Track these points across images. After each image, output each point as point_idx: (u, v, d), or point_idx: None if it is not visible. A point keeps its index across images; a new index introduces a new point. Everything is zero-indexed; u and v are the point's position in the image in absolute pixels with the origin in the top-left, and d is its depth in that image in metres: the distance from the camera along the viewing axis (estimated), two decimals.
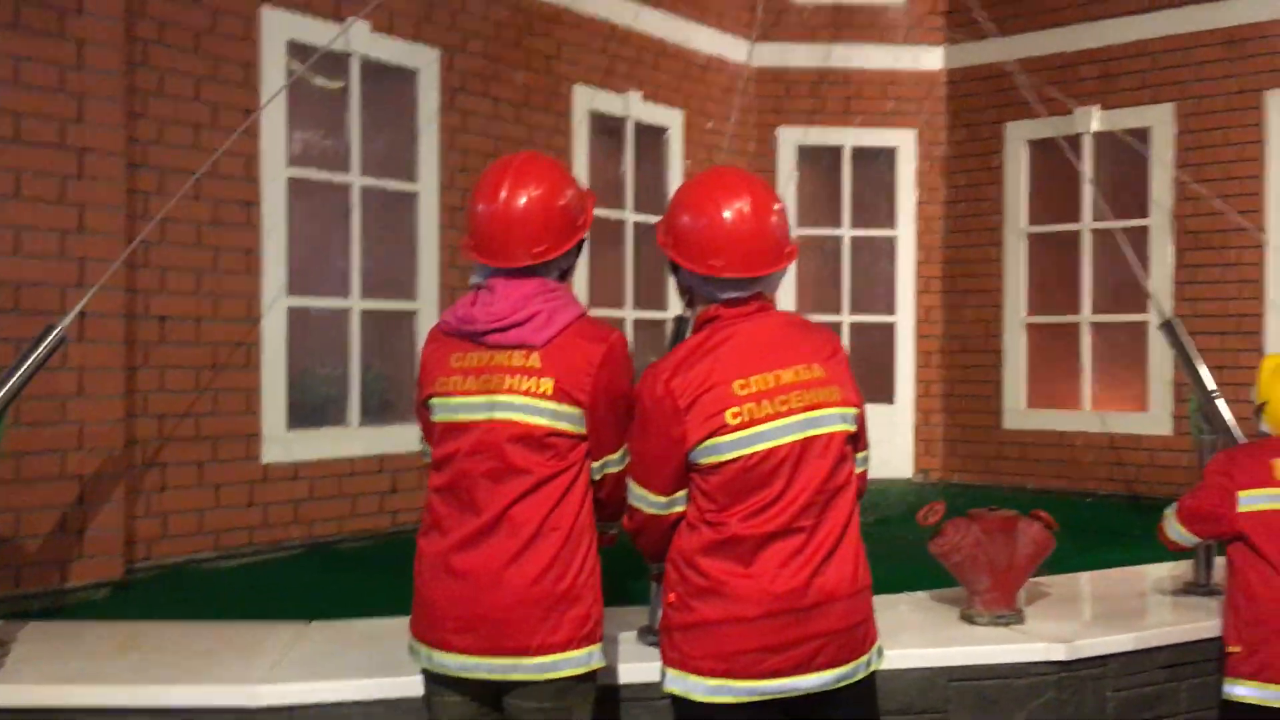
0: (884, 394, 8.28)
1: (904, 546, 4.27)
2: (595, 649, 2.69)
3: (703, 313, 2.70)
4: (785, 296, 8.03)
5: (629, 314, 7.34)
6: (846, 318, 8.31)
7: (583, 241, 2.82)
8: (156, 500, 4.98)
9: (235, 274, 5.27)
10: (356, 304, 5.81)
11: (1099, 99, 7.67)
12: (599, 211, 7.03)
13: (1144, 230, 7.50)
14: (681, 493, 2.62)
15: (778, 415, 2.53)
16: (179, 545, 5.05)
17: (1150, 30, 7.48)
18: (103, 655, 3.48)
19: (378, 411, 5.98)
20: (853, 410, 2.63)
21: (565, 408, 2.63)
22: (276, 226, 5.39)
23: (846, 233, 8.31)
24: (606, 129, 7.29)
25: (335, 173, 5.76)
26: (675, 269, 2.73)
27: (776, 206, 2.67)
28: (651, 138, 7.58)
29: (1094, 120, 7.66)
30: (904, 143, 8.35)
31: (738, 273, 2.60)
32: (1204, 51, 7.29)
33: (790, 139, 8.25)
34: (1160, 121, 7.45)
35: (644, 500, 2.65)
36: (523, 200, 2.68)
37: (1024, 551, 3.80)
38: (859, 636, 2.60)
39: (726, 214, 2.60)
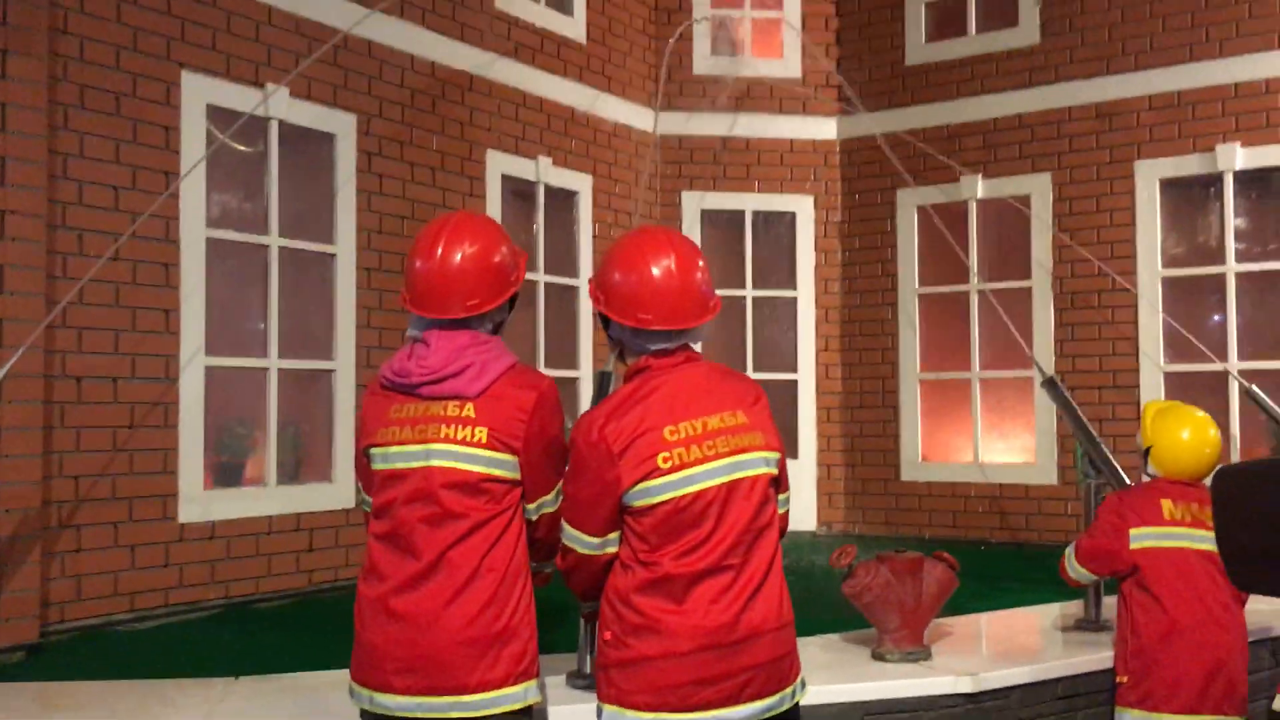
0: (788, 449, 8.48)
1: (811, 594, 4.47)
2: (532, 684, 2.82)
3: (633, 364, 2.87)
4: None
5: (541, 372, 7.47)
6: (750, 375, 8.56)
7: (516, 296, 2.98)
8: (72, 562, 4.93)
9: (154, 334, 5.29)
10: (274, 363, 5.86)
11: (982, 168, 8.15)
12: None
13: (1027, 291, 7.96)
14: (614, 534, 2.76)
15: (706, 459, 2.69)
16: (94, 607, 4.99)
17: (1028, 104, 8.00)
18: (27, 715, 3.46)
19: (295, 470, 6.01)
20: (774, 454, 2.82)
21: (499, 455, 2.77)
22: (195, 287, 5.43)
23: (750, 293, 8.61)
24: (518, 192, 7.49)
25: (254, 234, 5.83)
26: (606, 323, 2.91)
27: (700, 263, 2.87)
28: (562, 201, 7.79)
29: (979, 188, 8.13)
30: (802, 208, 8.72)
31: (666, 325, 2.77)
32: (1077, 125, 7.82)
33: (694, 203, 8.56)
34: (1039, 189, 7.94)
35: (578, 541, 2.79)
36: (458, 256, 2.83)
37: (930, 590, 4.03)
38: (784, 669, 2.76)
39: (655, 270, 2.78)
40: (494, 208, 7.16)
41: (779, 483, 2.90)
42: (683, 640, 2.65)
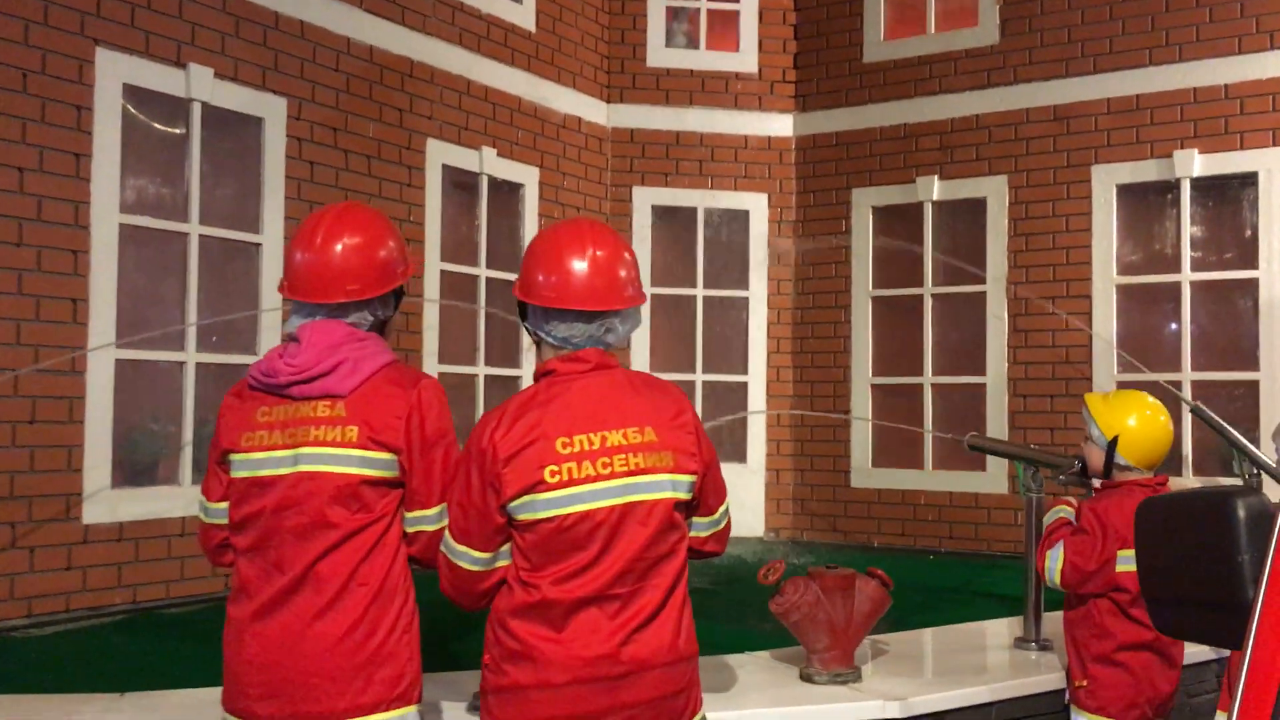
0: (736, 453, 8.36)
1: (751, 607, 4.27)
2: (410, 711, 2.59)
3: (540, 365, 2.66)
4: (639, 355, 8.12)
5: (481, 370, 7.26)
6: (700, 376, 8.39)
7: (401, 295, 2.77)
8: None
9: (60, 324, 5.01)
10: (192, 357, 5.59)
11: (939, 169, 7.99)
12: (452, 267, 7.04)
13: (981, 295, 7.80)
14: (506, 548, 2.54)
15: (599, 478, 2.47)
16: None
17: (986, 105, 7.85)
18: None
19: None
20: (686, 478, 2.57)
21: (373, 454, 2.55)
22: (106, 276, 5.16)
23: (700, 292, 8.41)
24: (460, 184, 7.25)
25: (172, 221, 5.56)
26: (522, 312, 2.69)
27: (626, 255, 2.65)
28: (506, 194, 7.56)
29: (935, 189, 7.96)
30: (756, 206, 8.53)
31: (574, 304, 2.55)
32: (1035, 127, 7.68)
33: (645, 199, 8.34)
34: (995, 192, 7.79)
35: (465, 557, 2.55)
36: (339, 246, 2.63)
37: (862, 609, 3.83)
38: (677, 707, 2.54)
39: (572, 251, 2.58)
40: (434, 199, 6.92)
41: (694, 506, 2.67)
42: (557, 671, 2.43)
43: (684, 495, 2.57)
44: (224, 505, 2.68)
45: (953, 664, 4.26)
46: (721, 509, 2.76)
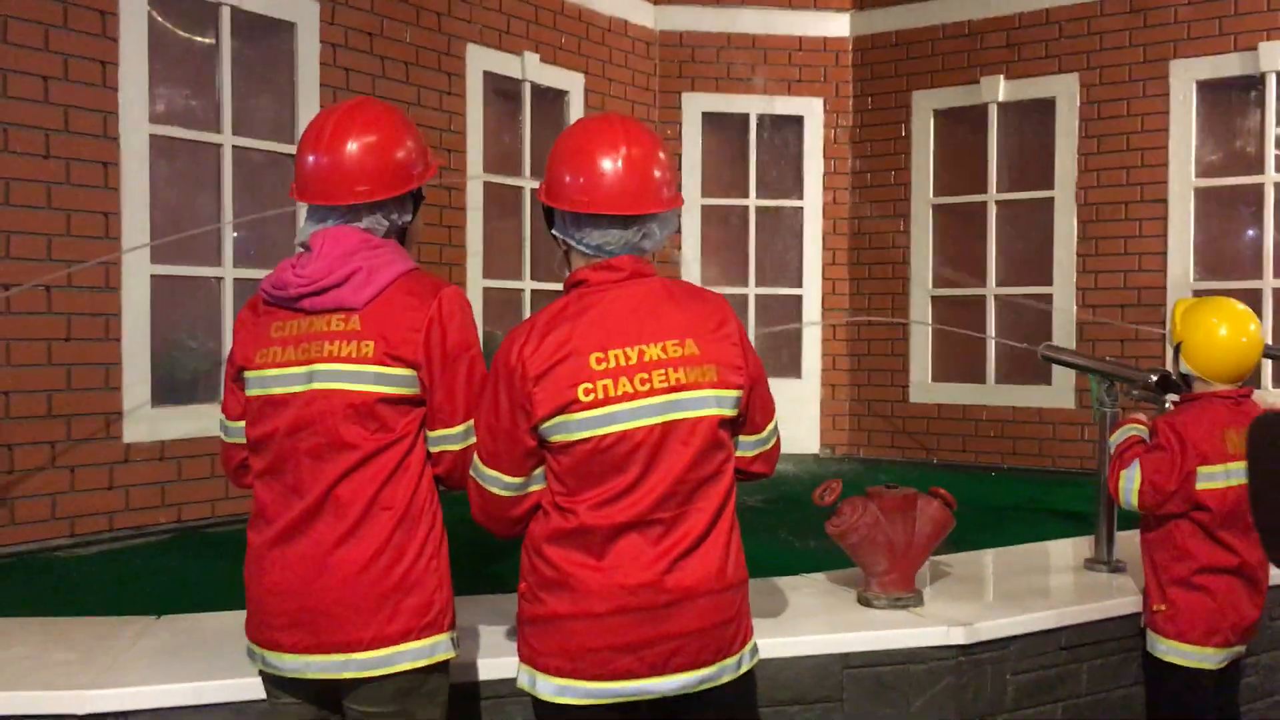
0: (791, 368, 8.13)
1: (805, 526, 4.08)
2: (442, 639, 2.44)
3: (570, 275, 2.45)
4: (690, 268, 7.88)
5: (527, 285, 7.07)
6: (753, 290, 8.14)
7: (420, 200, 2.58)
8: (3, 484, 4.59)
9: (92, 239, 4.88)
10: (229, 272, 5.45)
11: (1004, 68, 7.56)
12: (494, 180, 6.81)
13: (1049, 202, 7.43)
14: (539, 471, 2.38)
15: (636, 395, 2.28)
16: (29, 532, 4.68)
17: None
18: None
19: None
20: (732, 393, 2.37)
21: (391, 370, 2.38)
22: (138, 188, 5.01)
23: (753, 203, 8.11)
24: (502, 92, 6.99)
25: (205, 132, 5.38)
26: (549, 218, 2.48)
27: (661, 154, 2.43)
28: (550, 101, 7.28)
29: (1000, 89, 7.55)
30: (811, 111, 8.17)
31: (606, 208, 2.34)
32: (1109, 20, 7.22)
33: (695, 105, 8.02)
34: (1065, 92, 7.36)
35: (496, 482, 2.38)
36: (350, 145, 2.43)
37: (923, 531, 3.62)
38: (726, 636, 2.37)
39: (602, 151, 2.37)
40: (475, 107, 6.67)
41: (740, 424, 2.48)
42: (598, 600, 2.28)
43: (729, 412, 2.38)
44: (242, 424, 2.54)
45: (1019, 587, 4.05)
46: (770, 427, 2.56)
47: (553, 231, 2.48)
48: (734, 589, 2.41)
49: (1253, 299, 6.63)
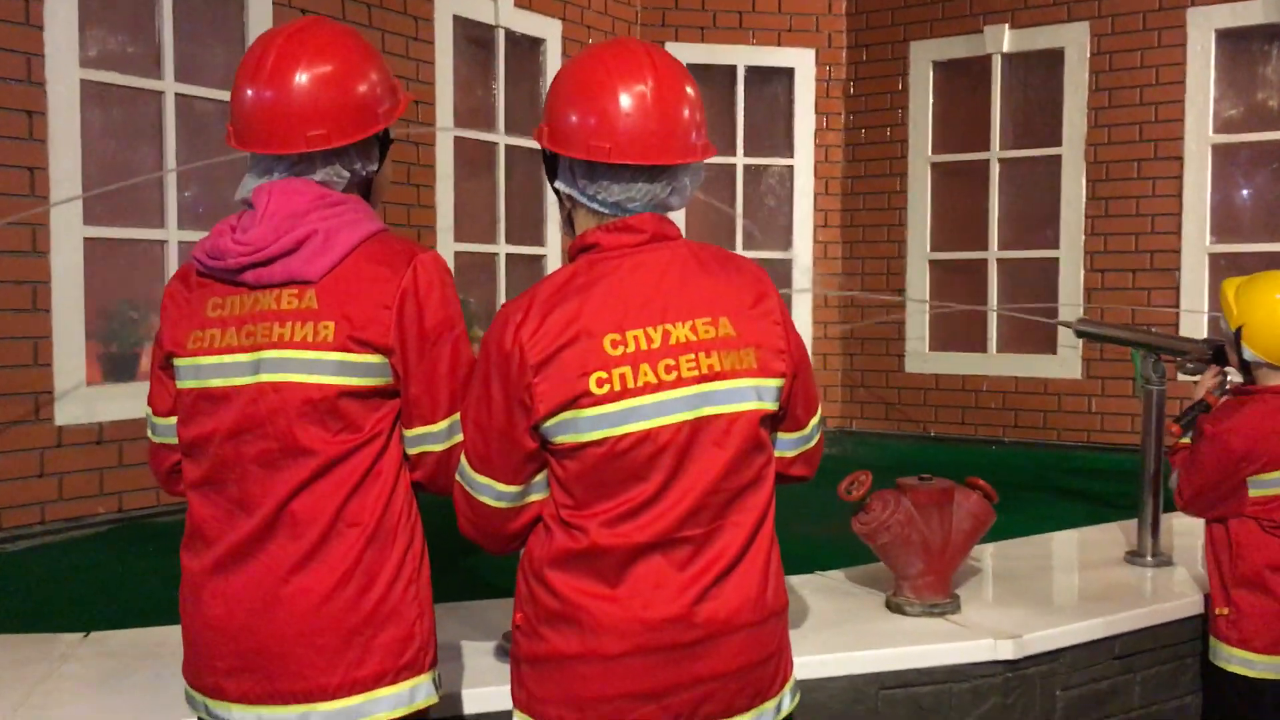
0: None
1: (815, 509, 3.64)
2: (423, 681, 2.01)
3: (578, 238, 1.98)
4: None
5: (501, 249, 6.58)
6: (740, 253, 7.66)
7: (388, 144, 2.10)
8: None
9: (15, 196, 4.34)
10: (174, 234, 4.91)
11: (1009, 17, 7.10)
12: (465, 134, 6.29)
13: (1056, 159, 7.01)
14: (540, 477, 1.93)
15: (660, 386, 1.84)
16: None
17: None
18: None
19: None
20: (774, 382, 1.93)
21: (356, 357, 1.92)
22: (67, 140, 4.46)
23: (740, 161, 7.63)
24: (474, 39, 6.45)
25: (143, 78, 4.83)
26: (551, 168, 2.01)
27: (690, 90, 1.96)
28: (526, 50, 6.76)
29: (1005, 39, 7.10)
30: (802, 63, 7.67)
31: (629, 158, 1.88)
32: None
33: (679, 56, 7.45)
34: (1074, 41, 6.92)
35: (488, 491, 1.93)
36: (298, 78, 1.95)
37: (961, 527, 3.21)
38: (765, 676, 1.95)
39: (625, 77, 1.90)
40: (444, 55, 6.13)
41: (781, 419, 2.03)
42: (613, 637, 1.85)
43: (770, 405, 1.94)
44: (173, 420, 2.07)
45: (1061, 587, 3.66)
46: (813, 422, 2.13)
47: (556, 185, 2.01)
48: (775, 618, 1.98)
49: (1273, 263, 6.24)
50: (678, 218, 7.27)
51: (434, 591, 2.09)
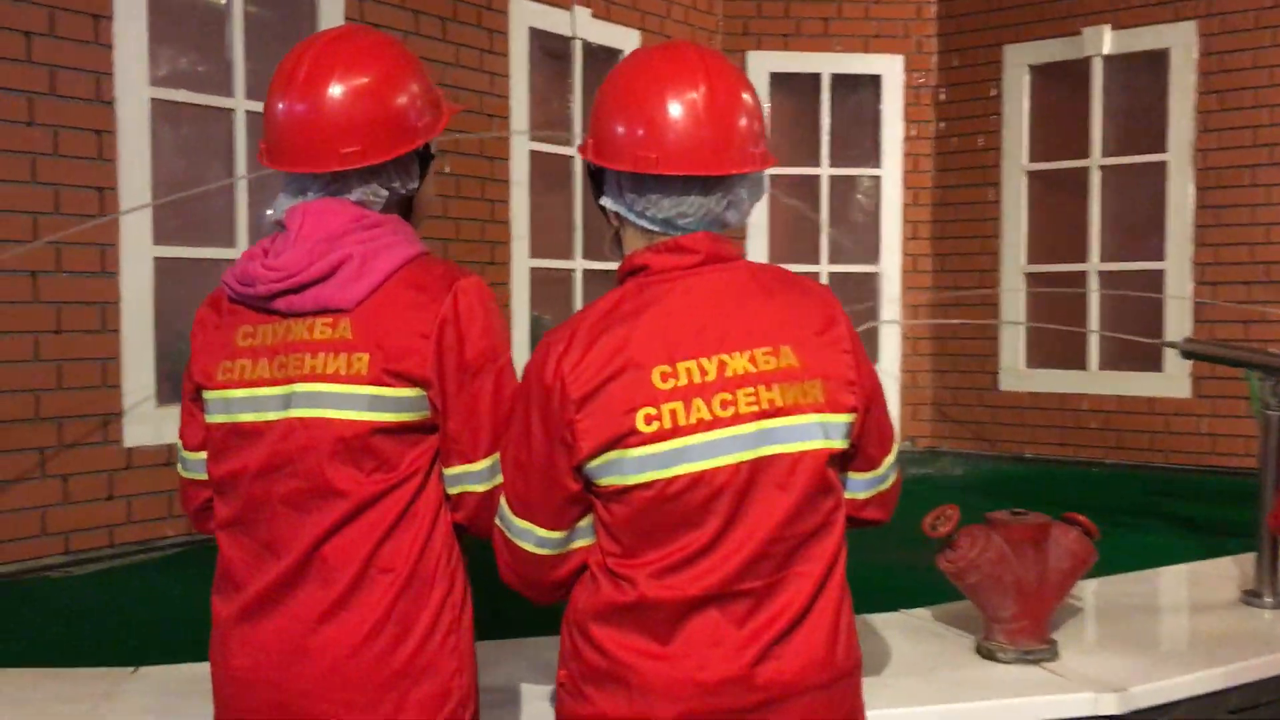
0: (867, 353, 7.42)
1: (896, 539, 3.39)
2: None
3: (625, 260, 1.82)
4: (755, 245, 7.19)
5: (578, 264, 6.44)
6: (825, 268, 7.45)
7: (429, 159, 1.96)
8: None
9: (85, 218, 4.31)
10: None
11: (1110, 17, 6.76)
12: (539, 147, 6.18)
13: (1161, 166, 6.64)
14: (586, 522, 1.77)
15: (716, 423, 1.67)
16: (16, 550, 4.14)
17: None
18: None
19: None
20: (843, 419, 1.75)
21: (391, 391, 1.79)
22: (137, 160, 4.44)
23: (825, 171, 7.39)
24: (551, 51, 6.34)
25: (214, 95, 4.79)
26: (597, 183, 1.86)
27: (747, 96, 1.81)
28: (603, 61, 6.62)
29: (1106, 41, 6.76)
30: (890, 70, 7.41)
31: (680, 169, 1.73)
32: None
33: (762, 65, 7.30)
34: (1180, 42, 6.55)
35: (529, 537, 1.78)
36: (331, 90, 1.83)
37: (1059, 567, 2.95)
38: None
39: (675, 83, 1.75)
40: (520, 68, 6.03)
41: (851, 458, 1.84)
42: (664, 700, 1.68)
43: (839, 444, 1.75)
44: (203, 455, 1.96)
45: (1171, 631, 3.36)
46: (887, 461, 1.93)
47: (602, 201, 1.86)
48: (846, 679, 1.79)
49: None
50: (758, 229, 7.08)
51: (493, 625, 1.95)
